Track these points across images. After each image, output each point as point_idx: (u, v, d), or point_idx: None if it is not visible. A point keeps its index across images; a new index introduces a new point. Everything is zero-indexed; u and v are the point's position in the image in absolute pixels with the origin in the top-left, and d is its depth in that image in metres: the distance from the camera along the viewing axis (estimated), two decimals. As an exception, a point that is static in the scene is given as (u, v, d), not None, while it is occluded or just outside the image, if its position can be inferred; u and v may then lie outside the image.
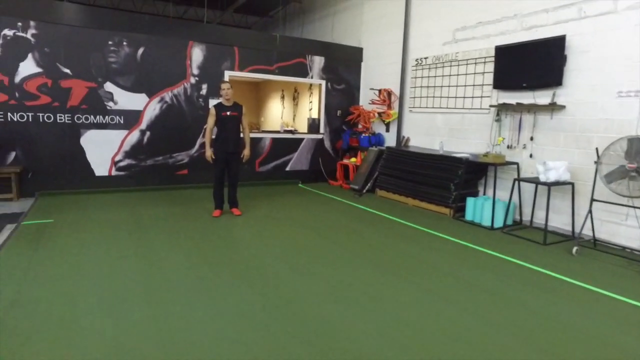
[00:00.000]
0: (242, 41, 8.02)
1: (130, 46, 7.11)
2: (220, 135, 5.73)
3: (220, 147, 5.76)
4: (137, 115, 7.30)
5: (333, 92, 9.16)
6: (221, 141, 5.75)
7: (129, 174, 7.39)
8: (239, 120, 5.84)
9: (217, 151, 5.78)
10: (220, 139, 5.74)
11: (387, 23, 8.69)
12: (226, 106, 5.78)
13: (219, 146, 5.77)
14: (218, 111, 5.74)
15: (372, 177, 8.27)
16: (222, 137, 5.73)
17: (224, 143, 5.74)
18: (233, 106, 5.82)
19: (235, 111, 5.79)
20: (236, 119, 5.79)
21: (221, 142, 5.75)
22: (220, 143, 5.75)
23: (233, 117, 5.75)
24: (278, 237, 5.03)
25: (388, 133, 8.81)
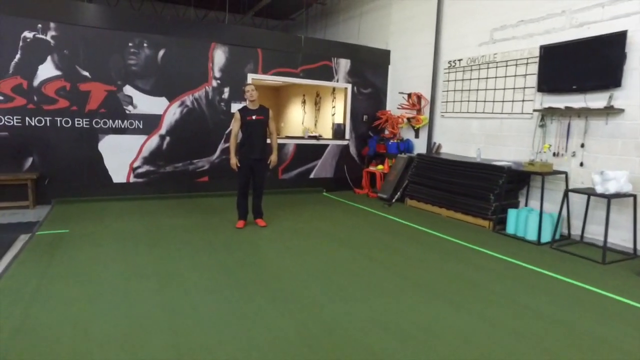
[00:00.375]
0: (266, 43, 7.68)
1: (150, 48, 6.82)
2: (245, 141, 5.37)
3: (245, 153, 5.40)
4: (157, 119, 7.00)
5: (359, 96, 8.76)
6: (246, 147, 5.38)
7: (147, 181, 7.08)
8: (265, 125, 5.47)
9: (242, 158, 5.42)
10: (245, 144, 5.38)
11: (416, 24, 8.27)
12: (251, 110, 5.42)
13: (244, 152, 5.40)
14: (243, 115, 5.38)
15: (401, 185, 7.82)
16: (247, 143, 5.37)
17: (249, 149, 5.37)
18: (259, 109, 5.46)
19: (261, 115, 5.42)
20: (262, 123, 5.42)
21: (246, 148, 5.39)
22: (245, 149, 5.39)
23: (259, 121, 5.38)
24: (309, 253, 4.62)
25: (417, 139, 8.36)
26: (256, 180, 5.55)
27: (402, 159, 8.05)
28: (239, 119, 5.38)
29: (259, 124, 5.37)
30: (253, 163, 5.42)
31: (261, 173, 5.54)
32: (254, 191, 5.64)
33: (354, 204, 7.58)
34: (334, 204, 7.58)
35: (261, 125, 5.40)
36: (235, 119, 5.41)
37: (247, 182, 5.53)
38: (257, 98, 5.43)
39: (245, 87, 5.42)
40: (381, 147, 8.56)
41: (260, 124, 5.38)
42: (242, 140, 5.43)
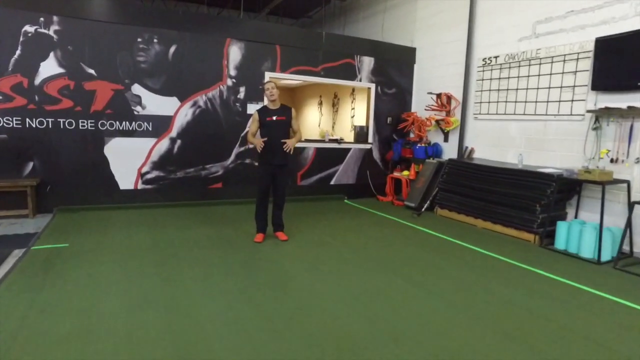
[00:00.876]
0: (285, 39, 7.12)
1: (161, 44, 6.29)
2: (265, 144, 4.81)
3: (264, 158, 4.83)
4: (167, 121, 6.46)
5: (383, 97, 8.15)
6: (266, 151, 4.81)
7: (156, 188, 6.54)
8: (287, 126, 4.89)
9: (261, 164, 4.85)
10: (264, 149, 4.81)
11: (446, 19, 7.65)
12: (272, 109, 4.86)
13: (263, 158, 4.83)
14: (262, 116, 4.81)
15: (431, 193, 7.19)
16: (267, 147, 4.80)
17: (270, 154, 4.80)
18: (280, 109, 4.89)
19: (282, 115, 4.85)
20: (284, 125, 4.85)
21: (266, 153, 4.81)
22: (265, 154, 4.82)
23: (280, 122, 4.81)
24: (341, 274, 4.02)
25: (447, 143, 7.73)
26: (277, 189, 4.97)
27: (431, 165, 7.42)
28: (257, 119, 4.81)
29: (281, 125, 4.80)
30: (274, 170, 4.85)
31: (283, 181, 4.96)
32: (274, 201, 5.06)
33: (379, 213, 6.97)
34: (358, 212, 6.98)
35: (283, 126, 4.83)
36: (254, 119, 4.84)
37: (267, 191, 4.96)
38: (278, 97, 4.87)
39: (264, 85, 4.86)
40: (407, 151, 7.94)
41: (281, 126, 4.81)
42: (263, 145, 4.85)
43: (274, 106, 4.87)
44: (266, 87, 4.82)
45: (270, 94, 4.79)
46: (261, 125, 4.79)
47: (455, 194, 6.68)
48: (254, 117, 4.84)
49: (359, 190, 8.10)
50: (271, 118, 4.78)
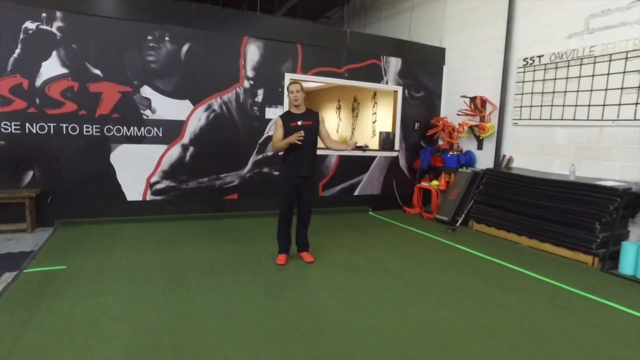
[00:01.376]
0: (307, 37, 6.54)
1: (173, 42, 5.75)
2: (289, 153, 4.21)
3: (289, 169, 4.23)
4: (179, 126, 5.91)
5: (410, 101, 7.53)
6: (290, 161, 4.22)
7: (167, 199, 5.98)
8: (315, 132, 4.30)
9: (286, 175, 4.26)
10: (289, 158, 4.22)
11: (480, 16, 7.02)
12: (296, 114, 4.27)
13: (288, 168, 4.24)
14: (286, 121, 4.22)
15: (465, 206, 6.53)
16: (292, 156, 4.20)
17: (295, 164, 4.20)
18: (306, 114, 4.30)
19: (309, 120, 4.26)
20: (311, 131, 4.25)
21: (290, 163, 4.22)
22: (290, 164, 4.22)
23: (306, 127, 4.21)
24: (380, 306, 3.39)
25: (480, 151, 7.07)
26: (302, 204, 4.37)
27: (465, 175, 6.76)
28: (281, 125, 4.22)
29: (307, 131, 4.20)
30: (299, 182, 4.25)
31: (309, 195, 4.36)
32: (299, 218, 4.46)
33: (409, 228, 6.33)
34: (385, 226, 6.35)
35: (310, 132, 4.23)
36: (278, 125, 4.25)
37: (291, 206, 4.36)
38: (303, 101, 4.28)
39: (289, 86, 4.27)
40: (437, 159, 7.30)
41: (308, 131, 4.21)
42: (286, 153, 4.26)
43: (299, 110, 4.29)
44: (290, 89, 4.24)
45: (294, 98, 4.21)
46: (285, 132, 4.20)
47: (494, 207, 6.02)
48: (278, 123, 4.25)
49: (384, 201, 7.47)
50: (296, 123, 4.18)
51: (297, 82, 4.31)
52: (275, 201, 6.49)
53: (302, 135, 4.05)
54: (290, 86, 4.26)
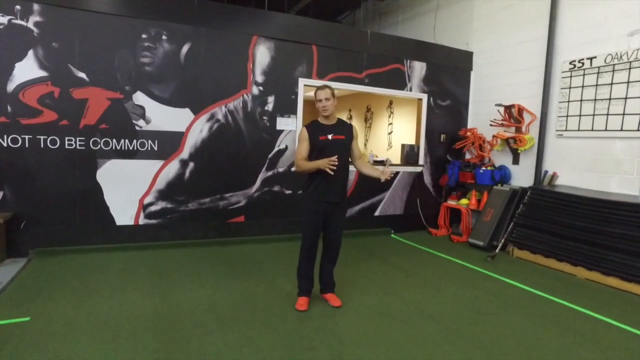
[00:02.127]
0: (323, 38, 5.74)
1: (171, 41, 4.93)
2: (317, 174, 3.36)
3: (315, 193, 3.38)
4: (178, 139, 5.07)
5: (436, 110, 6.71)
6: (317, 184, 3.37)
7: (163, 223, 5.11)
8: (347, 148, 3.46)
9: (311, 201, 3.41)
10: (316, 180, 3.37)
11: (514, 16, 6.24)
12: (326, 126, 3.44)
13: (314, 192, 3.39)
14: (313, 134, 3.38)
15: (503, 229, 5.69)
16: (319, 178, 3.36)
17: (323, 187, 3.36)
18: (338, 126, 3.47)
19: (341, 133, 3.43)
20: (343, 147, 3.42)
21: (317, 186, 3.37)
22: (316, 187, 3.38)
23: (338, 143, 3.38)
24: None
25: (516, 166, 6.24)
26: (330, 235, 3.50)
27: (502, 193, 5.92)
28: (307, 138, 3.37)
29: (339, 147, 3.36)
30: (328, 209, 3.39)
31: (338, 224, 3.50)
32: (325, 251, 3.59)
33: (440, 254, 5.47)
34: (413, 253, 5.49)
35: (342, 149, 3.39)
36: (302, 139, 3.41)
37: (317, 238, 3.49)
38: (334, 110, 3.45)
39: (316, 92, 3.44)
40: (467, 175, 6.45)
41: (340, 148, 3.37)
42: (313, 174, 3.40)
43: (329, 121, 3.45)
44: (317, 97, 3.41)
45: (322, 107, 3.38)
46: (312, 148, 3.35)
47: (540, 231, 5.17)
48: (302, 135, 3.41)
49: (408, 221, 6.61)
50: (326, 137, 3.34)
51: (327, 87, 3.46)
52: (286, 224, 5.69)
53: (336, 164, 3.20)
54: (318, 92, 3.42)
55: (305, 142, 3.37)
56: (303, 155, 3.35)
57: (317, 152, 3.33)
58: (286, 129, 5.59)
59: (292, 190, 5.68)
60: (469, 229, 6.32)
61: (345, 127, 3.51)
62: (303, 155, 3.35)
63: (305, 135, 3.38)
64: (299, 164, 3.37)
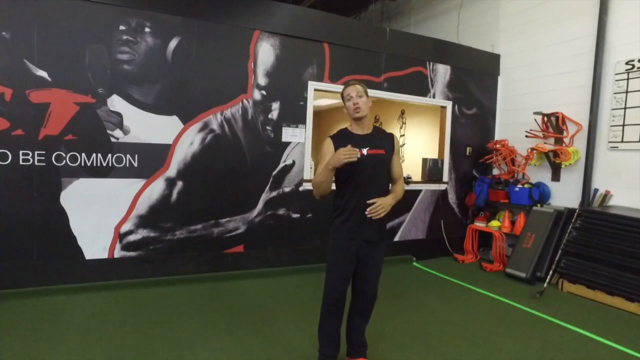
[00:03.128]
0: (337, 34, 4.85)
1: (156, 35, 4.01)
2: (347, 200, 2.43)
3: (346, 227, 2.45)
4: (163, 153, 4.12)
5: (461, 119, 5.84)
6: (349, 214, 2.44)
7: (144, 256, 4.12)
8: (386, 166, 2.53)
9: (340, 238, 2.47)
10: (347, 209, 2.44)
11: (550, 13, 5.42)
12: (358, 136, 2.52)
13: (344, 226, 2.45)
14: (340, 147, 2.45)
15: (547, 257, 4.79)
16: (350, 205, 2.43)
17: (357, 219, 2.43)
18: (374, 136, 2.56)
19: (379, 147, 2.51)
20: (382, 164, 2.49)
21: (348, 217, 2.44)
22: (347, 219, 2.44)
23: (376, 160, 2.46)
24: None
25: (556, 183, 5.35)
26: (364, 284, 2.55)
27: (544, 215, 5.02)
28: (333, 152, 2.45)
29: (376, 164, 2.42)
30: (362, 249, 2.46)
31: (374, 270, 2.55)
32: (355, 303, 2.63)
33: (475, 288, 4.56)
34: (443, 287, 4.57)
35: (381, 167, 2.45)
36: (325, 154, 2.48)
37: (345, 288, 2.52)
38: (369, 114, 2.53)
39: (344, 90, 2.52)
40: (499, 194, 5.55)
41: (378, 166, 2.44)
42: (341, 201, 2.47)
43: (362, 129, 2.53)
44: (345, 95, 2.51)
45: (354, 106, 2.46)
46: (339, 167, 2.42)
47: (598, 262, 4.26)
48: (326, 148, 2.48)
49: (430, 246, 5.68)
50: (360, 152, 2.41)
51: (357, 83, 2.55)
52: (293, 254, 4.72)
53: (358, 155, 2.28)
54: (347, 89, 2.51)
55: (328, 158, 2.43)
56: (323, 179, 2.40)
57: (347, 174, 2.39)
58: (293, 141, 4.67)
59: (299, 214, 4.73)
60: (502, 255, 5.41)
61: (385, 137, 2.59)
62: (323, 179, 2.40)
63: (329, 150, 2.45)
64: (312, 183, 2.46)
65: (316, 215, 4.79)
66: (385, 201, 2.39)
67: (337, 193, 2.51)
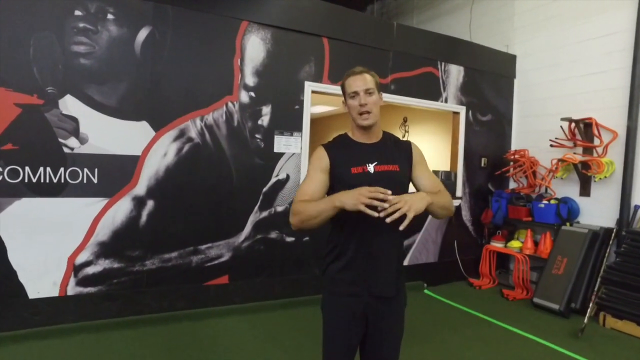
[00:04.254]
0: (337, 28, 4.14)
1: (121, 23, 3.27)
2: (347, 239, 1.70)
3: (345, 277, 1.70)
4: (130, 166, 3.35)
5: (475, 127, 5.15)
6: (350, 258, 1.69)
7: (106, 292, 3.33)
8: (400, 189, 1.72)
9: (337, 294, 1.73)
10: (347, 252, 1.70)
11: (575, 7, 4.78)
12: (363, 146, 1.79)
13: (342, 275, 1.71)
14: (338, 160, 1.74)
15: (583, 286, 4.09)
16: (352, 247, 1.69)
17: (361, 265, 1.69)
18: (384, 145, 1.81)
19: (392, 161, 1.77)
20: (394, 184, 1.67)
21: (349, 262, 1.69)
22: (346, 265, 1.70)
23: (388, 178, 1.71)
24: None
25: (586, 198, 4.66)
26: (377, 356, 1.78)
27: (578, 236, 4.31)
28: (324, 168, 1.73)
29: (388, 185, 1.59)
30: (371, 308, 1.71)
31: (392, 337, 1.77)
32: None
33: (494, 321, 3.88)
34: (457, 319, 3.89)
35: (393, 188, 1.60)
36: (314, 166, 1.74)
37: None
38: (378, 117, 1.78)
39: (346, 80, 1.80)
40: (520, 211, 4.84)
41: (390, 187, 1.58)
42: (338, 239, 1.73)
43: (368, 137, 1.80)
44: (348, 87, 1.78)
45: (360, 107, 1.73)
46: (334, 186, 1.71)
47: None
48: (317, 162, 1.74)
49: (443, 270, 4.96)
50: (363, 167, 1.69)
51: (365, 70, 1.80)
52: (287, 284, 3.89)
53: (386, 197, 1.50)
54: (350, 80, 1.78)
55: (319, 175, 1.71)
56: (311, 193, 1.67)
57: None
58: (287, 152, 3.93)
59: (295, 237, 3.97)
60: (525, 280, 4.69)
61: (399, 147, 1.84)
62: (311, 193, 1.67)
63: (321, 164, 1.72)
64: (298, 208, 1.64)
65: (314, 239, 4.04)
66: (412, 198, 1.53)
67: (333, 227, 1.77)
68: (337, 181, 1.72)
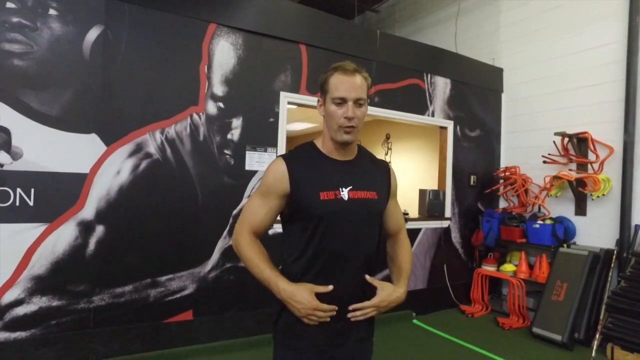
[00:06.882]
0: (316, 34, 3.75)
1: (67, 20, 2.79)
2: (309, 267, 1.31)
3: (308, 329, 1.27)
4: (75, 186, 2.82)
5: (464, 143, 4.79)
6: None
7: (42, 336, 2.75)
8: (378, 220, 1.42)
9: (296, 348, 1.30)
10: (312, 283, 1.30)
11: (563, 18, 4.53)
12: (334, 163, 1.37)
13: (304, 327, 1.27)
14: (301, 181, 1.32)
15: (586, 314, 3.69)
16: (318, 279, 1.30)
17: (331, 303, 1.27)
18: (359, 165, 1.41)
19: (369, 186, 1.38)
20: (371, 216, 1.37)
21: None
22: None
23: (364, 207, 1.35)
24: None
25: (581, 217, 4.31)
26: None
27: (577, 259, 3.93)
28: (280, 192, 1.32)
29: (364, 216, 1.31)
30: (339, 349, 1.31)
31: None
32: None
33: (491, 355, 3.43)
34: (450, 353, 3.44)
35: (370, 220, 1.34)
36: (267, 186, 1.34)
37: None
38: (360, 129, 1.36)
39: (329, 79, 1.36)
40: (514, 232, 4.45)
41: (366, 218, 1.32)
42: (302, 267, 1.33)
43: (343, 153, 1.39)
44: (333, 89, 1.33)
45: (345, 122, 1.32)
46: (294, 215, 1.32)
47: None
48: (270, 183, 1.34)
49: (432, 297, 4.51)
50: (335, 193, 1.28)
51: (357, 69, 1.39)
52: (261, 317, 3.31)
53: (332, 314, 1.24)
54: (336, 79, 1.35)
55: (272, 201, 1.33)
56: (255, 223, 1.34)
57: (310, 232, 1.28)
58: (260, 170, 3.46)
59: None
60: (521, 307, 4.27)
61: (377, 167, 1.48)
62: (255, 223, 1.34)
63: (276, 187, 1.33)
64: (239, 240, 1.32)
65: (292, 266, 3.54)
66: (390, 297, 1.38)
67: (298, 258, 1.34)
68: (299, 208, 1.28)
